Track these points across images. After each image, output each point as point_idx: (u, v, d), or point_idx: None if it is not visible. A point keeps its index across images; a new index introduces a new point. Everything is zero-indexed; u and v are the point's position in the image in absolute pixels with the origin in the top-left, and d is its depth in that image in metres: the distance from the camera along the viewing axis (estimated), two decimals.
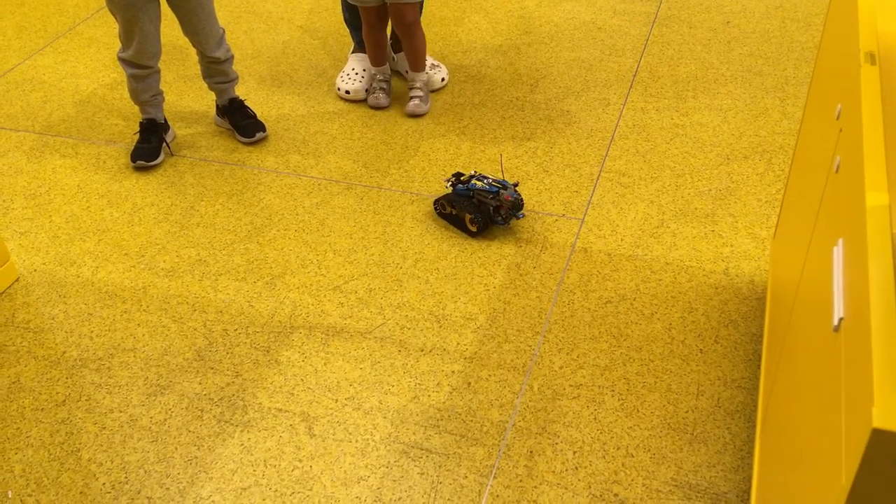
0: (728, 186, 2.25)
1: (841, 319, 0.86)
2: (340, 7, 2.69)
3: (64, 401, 1.73)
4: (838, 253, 0.93)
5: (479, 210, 2.10)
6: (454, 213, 2.13)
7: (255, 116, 2.48)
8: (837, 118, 1.15)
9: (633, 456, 1.60)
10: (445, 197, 2.16)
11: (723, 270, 1.99)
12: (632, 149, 2.41)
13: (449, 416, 1.68)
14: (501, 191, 2.11)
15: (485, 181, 2.14)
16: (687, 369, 1.76)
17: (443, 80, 2.70)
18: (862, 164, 0.90)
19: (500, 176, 2.31)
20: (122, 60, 2.29)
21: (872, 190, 0.86)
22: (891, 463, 0.65)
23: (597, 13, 3.08)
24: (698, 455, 1.59)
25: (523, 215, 2.13)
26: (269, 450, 1.63)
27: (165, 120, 2.44)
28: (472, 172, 2.19)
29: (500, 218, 2.11)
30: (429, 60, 2.71)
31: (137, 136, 2.40)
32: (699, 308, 1.90)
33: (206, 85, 2.48)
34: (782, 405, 1.22)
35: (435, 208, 2.18)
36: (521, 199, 2.12)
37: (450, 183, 2.18)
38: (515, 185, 2.15)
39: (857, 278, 0.81)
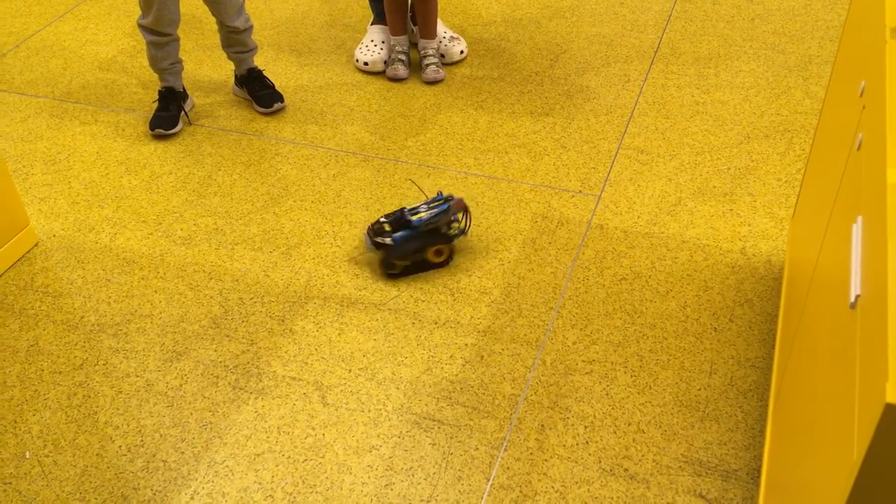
0: (748, 165, 2.23)
1: (858, 296, 0.85)
2: None
3: (82, 364, 1.76)
4: (857, 230, 0.92)
5: (436, 235, 1.89)
6: (408, 263, 1.90)
7: (273, 87, 2.48)
8: (861, 95, 1.13)
9: (644, 432, 1.60)
10: (390, 254, 1.88)
11: (740, 249, 1.98)
12: (651, 126, 2.39)
13: (461, 389, 1.69)
14: (451, 204, 1.91)
15: (421, 209, 1.90)
16: (701, 347, 1.76)
17: (462, 52, 2.68)
18: (884, 141, 0.88)
19: (421, 198, 2.07)
20: (142, 27, 2.29)
21: (894, 167, 0.85)
22: None
23: None
24: (709, 433, 1.59)
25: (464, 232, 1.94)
26: (283, 417, 1.64)
27: (184, 89, 2.44)
28: (387, 216, 1.92)
29: (455, 229, 1.91)
30: (448, 33, 2.70)
31: (156, 104, 2.41)
32: (715, 287, 1.89)
33: (224, 54, 2.48)
34: (796, 383, 1.21)
35: (387, 273, 1.91)
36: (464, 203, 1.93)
37: (375, 241, 1.88)
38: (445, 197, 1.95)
39: (876, 255, 0.80)
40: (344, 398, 1.68)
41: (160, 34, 2.29)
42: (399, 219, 1.91)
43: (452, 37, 2.69)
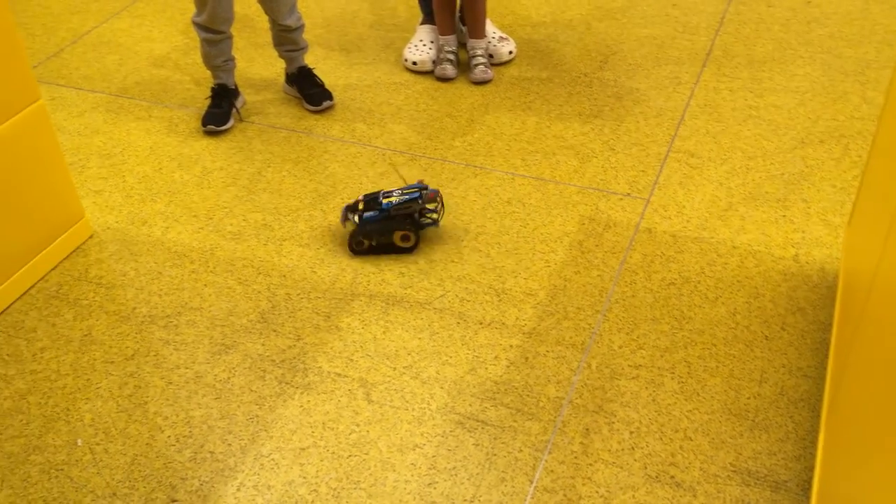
0: (802, 171, 2.18)
1: None
2: None
3: (133, 355, 1.79)
4: None
5: (406, 221, 1.93)
6: (374, 243, 1.95)
7: (322, 85, 2.50)
8: None
9: (691, 439, 1.58)
10: (357, 232, 1.94)
11: (792, 257, 1.94)
12: (702, 129, 2.36)
13: (505, 390, 1.69)
14: (423, 192, 1.95)
15: (395, 194, 1.95)
16: (751, 355, 1.73)
17: (510, 53, 2.67)
18: None
19: (401, 185, 2.08)
20: (196, 25, 2.32)
21: None
22: None
23: None
24: (759, 442, 1.56)
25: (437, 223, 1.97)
26: (328, 413, 1.65)
27: (236, 86, 2.48)
28: (365, 196, 1.99)
29: (428, 219, 1.96)
30: (497, 33, 2.69)
31: (209, 100, 2.44)
32: (766, 294, 1.85)
33: (276, 53, 2.51)
34: (852, 394, 1.18)
35: (351, 249, 1.97)
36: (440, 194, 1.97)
37: (350, 217, 1.95)
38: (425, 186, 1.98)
39: None
40: (388, 396, 1.68)
41: (214, 32, 2.32)
42: (372, 200, 1.98)
43: (501, 37, 2.69)
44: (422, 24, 2.74)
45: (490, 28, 2.69)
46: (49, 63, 2.79)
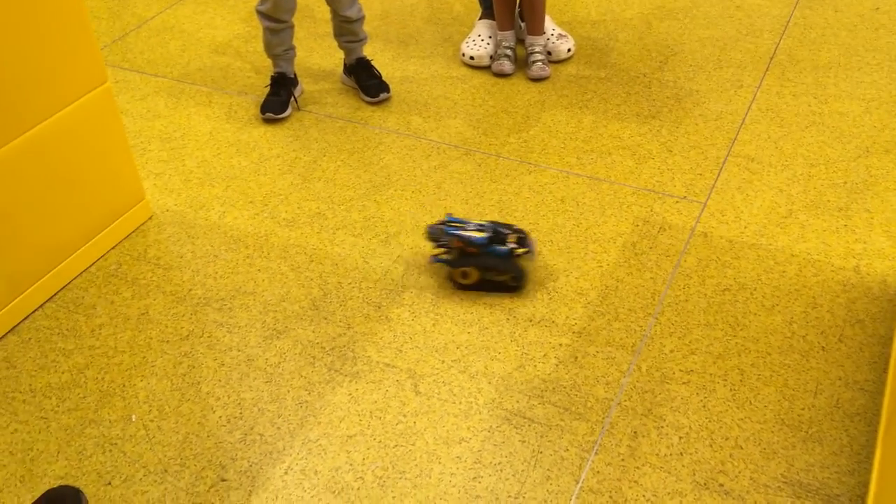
0: (865, 180, 2.13)
1: None
2: None
3: (188, 336, 1.82)
4: None
5: (506, 265, 1.84)
6: (489, 279, 1.85)
7: (380, 77, 2.52)
8: None
9: (741, 448, 1.55)
10: (468, 262, 1.84)
11: (853, 267, 1.89)
12: (763, 134, 2.31)
13: (553, 388, 1.68)
14: (508, 234, 1.86)
15: (506, 233, 1.85)
16: (806, 366, 1.69)
17: (569, 50, 2.66)
18: None
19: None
20: (260, 13, 2.35)
21: None
22: None
23: None
24: (812, 454, 1.53)
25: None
26: (376, 402, 1.67)
27: (295, 75, 2.50)
28: (481, 226, 1.87)
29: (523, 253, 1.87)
30: (556, 30, 2.68)
31: (268, 88, 2.48)
32: (824, 304, 1.81)
33: (335, 43, 2.52)
34: None
35: (456, 282, 1.88)
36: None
37: (445, 250, 1.86)
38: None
39: None
40: (436, 388, 1.69)
41: (277, 21, 2.35)
42: (496, 237, 1.87)
43: (560, 34, 2.67)
44: (480, 18, 2.73)
45: (549, 25, 2.67)
46: (114, 47, 2.85)
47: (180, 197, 2.20)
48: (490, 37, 2.66)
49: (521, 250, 1.87)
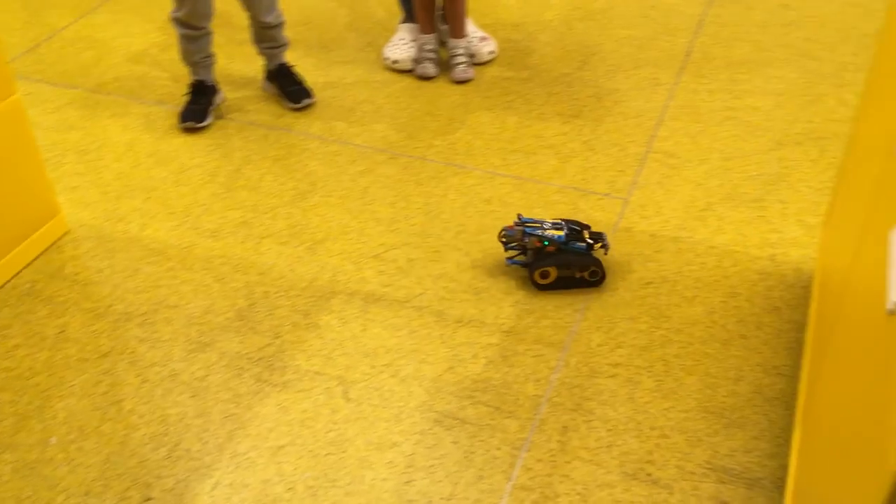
0: (779, 172, 2.20)
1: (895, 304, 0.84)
2: None
3: (108, 353, 1.77)
4: (895, 237, 0.91)
5: (587, 260, 1.86)
6: (563, 275, 1.86)
7: (302, 83, 2.49)
8: None
9: (668, 437, 1.59)
10: (548, 261, 1.85)
11: (769, 256, 1.96)
12: (681, 130, 2.37)
13: (484, 388, 1.69)
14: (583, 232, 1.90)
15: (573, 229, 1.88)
16: (727, 354, 1.74)
17: (491, 52, 2.68)
18: None
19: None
20: (176, 20, 2.31)
21: None
22: None
23: None
24: (734, 440, 1.58)
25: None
26: (306, 411, 1.65)
27: (215, 83, 2.46)
28: (557, 225, 1.89)
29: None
30: (478, 33, 2.70)
31: (187, 97, 2.43)
32: (743, 293, 1.87)
33: (256, 49, 2.49)
34: (828, 392, 1.19)
35: (536, 283, 1.87)
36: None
37: (534, 246, 1.87)
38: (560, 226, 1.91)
39: None
40: (367, 394, 1.68)
41: (193, 27, 2.30)
42: (575, 233, 1.90)
43: (482, 37, 2.69)
44: (402, 22, 2.73)
45: (471, 27, 2.69)
46: (25, 58, 2.75)
47: (98, 210, 2.14)
48: (412, 40, 2.67)
49: (598, 245, 1.90)
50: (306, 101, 2.47)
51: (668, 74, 2.60)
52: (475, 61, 2.66)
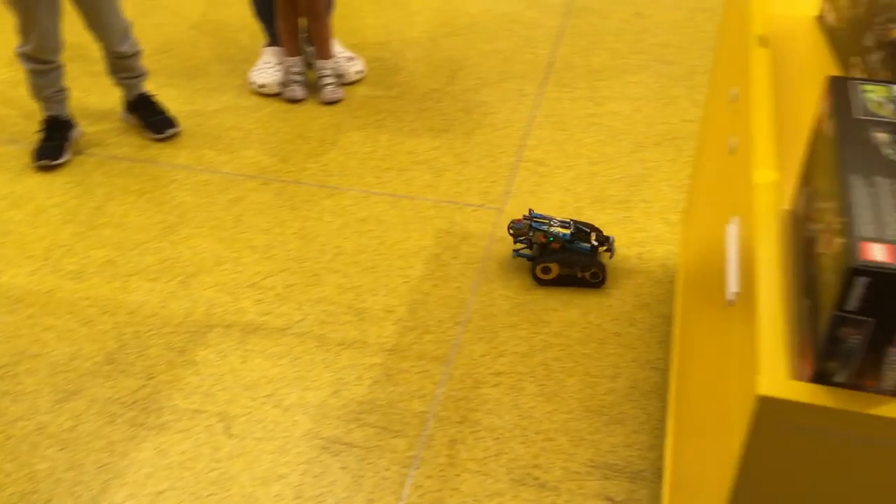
0: (641, 173, 2.30)
1: (735, 294, 0.88)
2: (250, 1, 2.64)
3: None
4: (732, 230, 0.96)
5: (590, 261, 1.89)
6: (565, 273, 1.90)
7: (165, 112, 2.42)
8: (733, 101, 1.19)
9: (552, 440, 1.62)
10: (551, 258, 1.88)
11: (637, 255, 2.03)
12: (548, 138, 2.44)
13: (370, 409, 1.67)
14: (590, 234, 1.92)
15: (563, 226, 1.91)
16: (604, 352, 1.79)
17: (359, 72, 2.68)
18: (751, 144, 0.92)
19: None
20: (22, 56, 2.19)
21: (761, 168, 0.89)
22: (776, 428, 0.67)
23: (512, 5, 3.11)
24: (615, 436, 1.62)
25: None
26: (185, 452, 1.59)
27: (70, 117, 2.35)
28: (564, 223, 1.92)
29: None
30: (344, 53, 2.69)
31: (40, 134, 2.31)
32: (615, 293, 1.93)
33: (112, 80, 2.40)
34: (688, 382, 1.25)
35: (537, 278, 1.91)
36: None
37: (532, 240, 1.90)
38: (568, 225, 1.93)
39: (748, 254, 0.84)
40: (249, 427, 1.63)
41: (42, 62, 2.20)
42: (581, 233, 1.92)
43: (349, 56, 2.69)
44: (266, 46, 2.70)
45: (337, 48, 2.68)
46: None
47: None
48: (278, 63, 2.63)
49: (603, 248, 1.92)
50: (170, 131, 2.39)
51: (533, 85, 2.67)
52: (343, 81, 2.66)
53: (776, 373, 0.67)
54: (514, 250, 1.98)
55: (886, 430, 0.64)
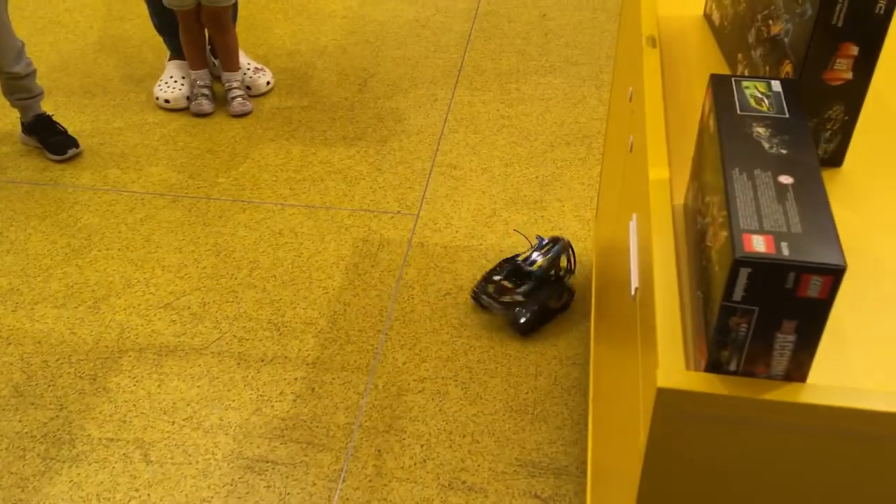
0: (553, 172, 2.34)
1: (636, 289, 0.90)
2: (149, 15, 2.58)
3: None
4: (633, 227, 0.98)
5: (557, 283, 1.85)
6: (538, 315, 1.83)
7: (65, 132, 2.34)
8: (630, 100, 1.22)
9: (478, 442, 1.63)
10: (523, 312, 1.80)
11: None
12: (461, 142, 2.46)
13: (294, 425, 1.65)
14: (560, 244, 1.86)
15: (536, 256, 1.83)
16: (525, 351, 1.81)
17: (268, 83, 2.64)
18: (645, 142, 0.95)
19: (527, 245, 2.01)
20: None
21: (655, 165, 0.91)
22: (677, 418, 0.69)
23: (420, 10, 3.12)
24: (539, 433, 1.64)
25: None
26: (102, 483, 1.53)
27: None
28: (498, 272, 1.86)
29: (566, 270, 1.88)
30: (252, 64, 2.65)
31: None
32: None
33: (8, 102, 2.30)
34: (603, 376, 1.27)
35: (524, 331, 1.82)
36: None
37: (502, 301, 1.82)
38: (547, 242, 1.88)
39: (646, 249, 0.86)
40: (169, 453, 1.59)
41: None
42: (517, 272, 1.84)
43: (257, 68, 2.65)
44: (170, 60, 2.64)
45: (244, 59, 2.64)
46: None
47: None
48: (183, 77, 2.58)
49: (562, 269, 1.85)
50: (72, 151, 2.31)
51: (444, 90, 2.69)
52: (253, 93, 2.62)
53: (673, 365, 0.69)
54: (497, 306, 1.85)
55: (779, 414, 0.67)
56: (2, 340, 1.80)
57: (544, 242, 1.87)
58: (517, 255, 1.89)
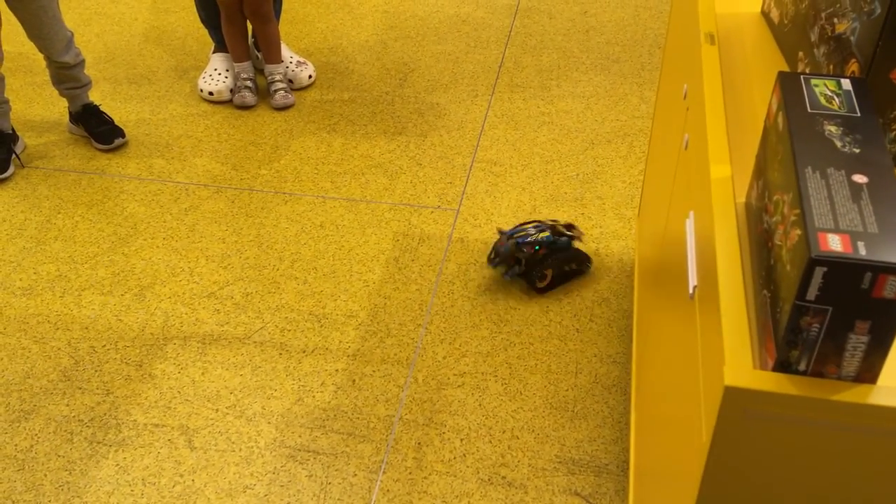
0: (594, 170, 2.33)
1: (695, 287, 0.90)
2: (195, 7, 2.60)
3: None
4: (690, 225, 0.98)
5: (574, 251, 1.94)
6: (557, 273, 1.92)
7: (112, 122, 2.37)
8: (684, 98, 1.21)
9: (518, 438, 1.63)
10: (543, 265, 1.89)
11: (593, 251, 2.06)
12: (501, 138, 2.45)
13: (335, 416, 1.67)
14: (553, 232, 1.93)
15: (532, 231, 1.91)
16: (565, 349, 1.81)
17: (310, 77, 2.66)
18: (706, 140, 0.94)
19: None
20: None
21: (716, 163, 0.91)
22: (743, 417, 0.68)
23: (460, 6, 3.12)
24: (579, 431, 1.64)
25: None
26: (147, 467, 1.56)
27: (13, 130, 2.29)
28: (529, 236, 1.91)
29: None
30: (294, 58, 2.67)
31: None
32: (574, 289, 1.95)
33: (57, 91, 2.34)
34: (651, 375, 1.27)
35: (536, 286, 1.91)
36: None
37: (507, 263, 1.89)
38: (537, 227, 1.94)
39: (707, 247, 0.85)
40: (212, 439, 1.61)
41: None
42: (551, 240, 1.93)
43: (299, 61, 2.67)
44: (214, 52, 2.66)
45: (287, 53, 2.66)
46: None
47: None
48: (227, 70, 2.60)
49: (573, 231, 1.94)
50: (118, 141, 2.35)
51: (485, 86, 2.68)
52: (295, 86, 2.64)
53: (741, 363, 0.69)
54: (505, 273, 1.91)
55: (849, 416, 0.66)
56: (50, 325, 1.84)
57: (518, 229, 1.93)
58: (518, 238, 1.91)
